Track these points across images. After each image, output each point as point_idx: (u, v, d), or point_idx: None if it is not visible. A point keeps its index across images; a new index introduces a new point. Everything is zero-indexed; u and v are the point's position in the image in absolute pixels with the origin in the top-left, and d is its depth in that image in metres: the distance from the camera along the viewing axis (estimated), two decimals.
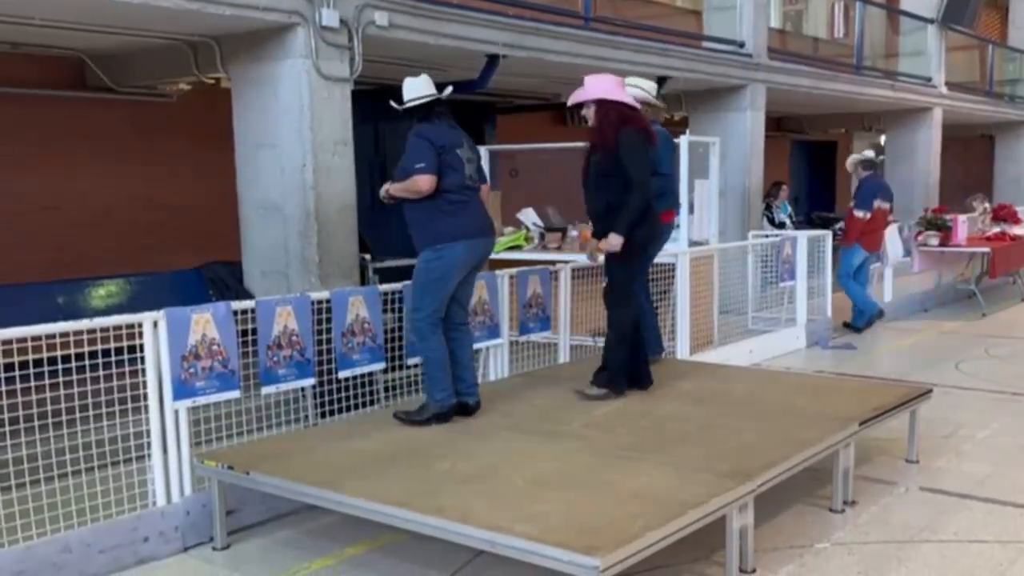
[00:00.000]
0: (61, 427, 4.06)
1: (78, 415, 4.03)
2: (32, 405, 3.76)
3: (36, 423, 3.79)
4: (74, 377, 3.94)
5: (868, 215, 9.36)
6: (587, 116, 5.23)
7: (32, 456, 3.87)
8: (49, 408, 3.87)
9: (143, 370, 4.15)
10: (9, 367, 3.72)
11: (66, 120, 8.32)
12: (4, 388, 3.70)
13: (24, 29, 6.30)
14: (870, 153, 9.98)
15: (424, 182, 4.62)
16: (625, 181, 5.03)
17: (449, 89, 5.04)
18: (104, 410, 4.11)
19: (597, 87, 5.19)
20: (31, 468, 3.91)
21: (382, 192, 4.84)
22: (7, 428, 3.72)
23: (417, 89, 4.84)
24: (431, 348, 4.75)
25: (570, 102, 5.29)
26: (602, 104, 5.14)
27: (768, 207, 11.62)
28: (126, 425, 4.28)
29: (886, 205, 9.57)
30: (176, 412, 4.24)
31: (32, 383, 3.76)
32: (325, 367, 4.97)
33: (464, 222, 4.75)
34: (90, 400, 4.03)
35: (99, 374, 3.99)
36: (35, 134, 8.16)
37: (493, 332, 5.86)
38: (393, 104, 4.86)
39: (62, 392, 3.98)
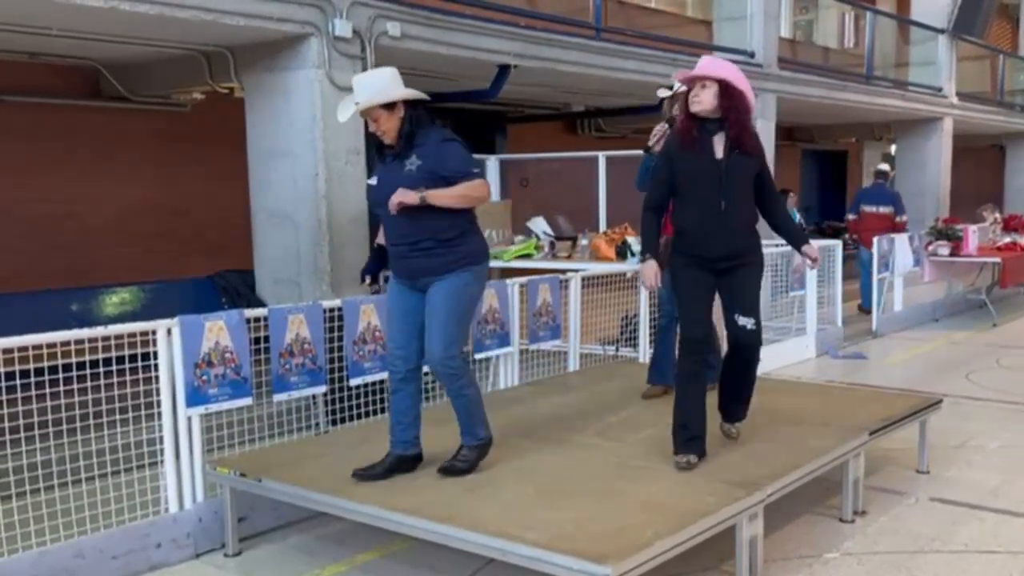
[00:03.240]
0: (75, 433, 4.09)
1: (92, 421, 4.06)
2: (47, 412, 3.80)
3: (51, 429, 3.83)
4: (88, 384, 3.97)
5: (854, 217, 11.28)
6: (700, 101, 4.14)
7: (46, 462, 3.91)
8: (64, 415, 3.91)
9: (156, 377, 4.18)
10: (24, 374, 3.76)
11: (82, 128, 8.41)
12: (19, 395, 3.74)
13: (41, 39, 6.37)
14: (882, 166, 11.90)
15: (488, 189, 3.99)
16: (767, 193, 4.33)
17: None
18: (118, 416, 4.16)
19: (721, 66, 4.23)
20: (45, 474, 3.95)
21: (413, 199, 3.88)
22: (22, 434, 3.75)
23: (399, 82, 4.02)
24: (472, 383, 4.13)
25: (682, 77, 4.30)
26: (730, 90, 4.16)
27: None
28: (139, 432, 4.31)
29: (871, 208, 11.11)
30: (189, 419, 4.26)
31: (47, 390, 3.80)
32: (336, 375, 4.99)
33: (483, 238, 4.24)
34: (104, 407, 4.06)
35: (113, 381, 4.02)
36: (51, 142, 8.24)
37: (503, 340, 5.88)
38: (382, 101, 3.93)
39: (76, 399, 4.02)
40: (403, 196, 3.89)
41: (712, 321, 4.45)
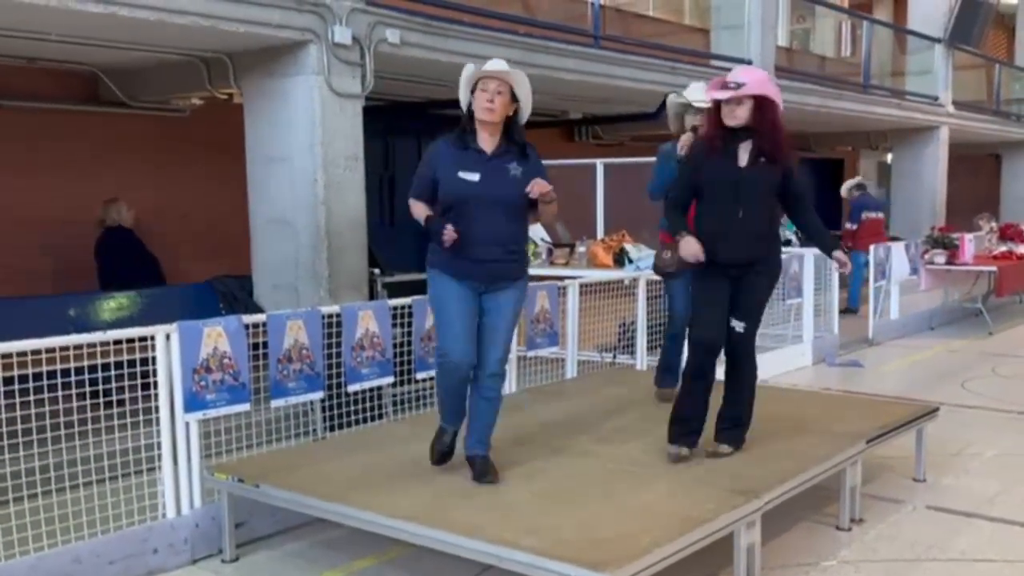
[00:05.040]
0: (73, 439, 4.09)
1: (90, 427, 4.06)
2: (44, 417, 3.80)
3: (49, 434, 3.83)
4: (87, 389, 3.97)
5: (856, 227, 11.86)
6: (736, 116, 4.20)
7: (44, 467, 3.90)
8: (62, 420, 3.91)
9: (155, 383, 4.19)
10: (22, 379, 3.75)
11: (80, 133, 8.41)
12: (17, 400, 3.73)
13: (40, 44, 6.38)
14: (865, 180, 13.15)
15: None
16: (792, 198, 4.41)
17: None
18: (116, 422, 4.15)
19: (758, 79, 4.26)
20: (43, 479, 3.94)
21: (548, 190, 4.02)
22: (20, 439, 3.75)
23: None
24: None
25: (723, 96, 4.20)
26: (765, 103, 4.22)
27: None
28: (137, 437, 4.31)
29: (873, 215, 12.02)
30: (187, 424, 4.26)
31: (45, 395, 3.79)
32: (334, 381, 5.00)
33: None
34: (102, 412, 4.06)
35: (111, 386, 4.02)
36: (50, 146, 8.24)
37: None
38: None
39: (75, 404, 4.02)
40: (545, 186, 3.97)
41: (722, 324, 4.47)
